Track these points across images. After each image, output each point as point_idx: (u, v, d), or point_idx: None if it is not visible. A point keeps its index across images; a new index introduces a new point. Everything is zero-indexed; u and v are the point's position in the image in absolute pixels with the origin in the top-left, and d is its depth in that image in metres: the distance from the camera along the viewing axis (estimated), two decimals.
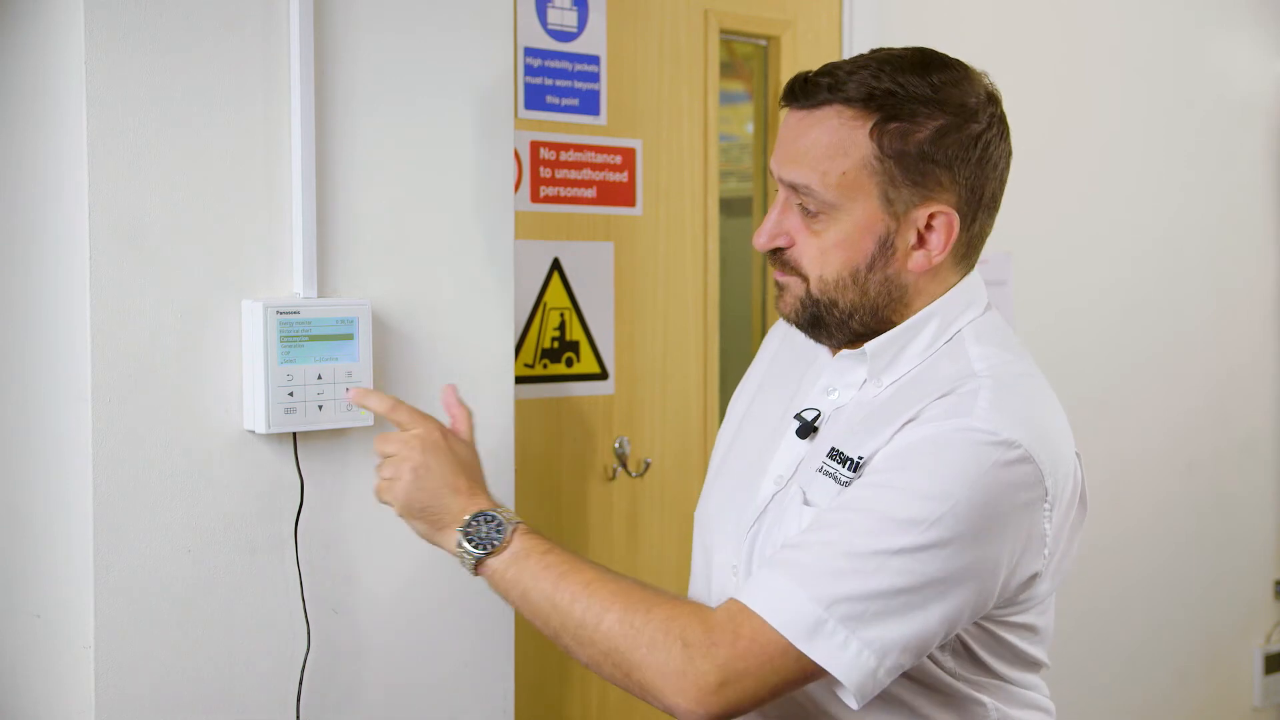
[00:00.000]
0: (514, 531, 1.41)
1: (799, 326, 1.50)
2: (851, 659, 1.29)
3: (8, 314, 1.76)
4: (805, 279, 1.46)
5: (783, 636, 1.29)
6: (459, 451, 1.50)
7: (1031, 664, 1.49)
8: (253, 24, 1.70)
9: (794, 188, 1.43)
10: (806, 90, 1.43)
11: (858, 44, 2.84)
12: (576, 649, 1.37)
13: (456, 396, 1.59)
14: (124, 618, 1.63)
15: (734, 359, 2.75)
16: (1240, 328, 3.89)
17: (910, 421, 1.39)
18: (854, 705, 1.32)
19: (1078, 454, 1.47)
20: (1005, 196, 1.51)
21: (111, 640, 1.62)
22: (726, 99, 2.76)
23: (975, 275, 1.51)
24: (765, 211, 2.81)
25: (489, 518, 1.42)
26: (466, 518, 1.43)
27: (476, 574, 1.42)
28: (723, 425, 1.71)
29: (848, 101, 1.40)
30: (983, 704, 1.45)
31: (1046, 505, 1.37)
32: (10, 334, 1.76)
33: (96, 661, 1.61)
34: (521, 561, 1.39)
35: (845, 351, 1.49)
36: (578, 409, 2.47)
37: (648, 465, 2.57)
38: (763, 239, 1.48)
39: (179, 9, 1.64)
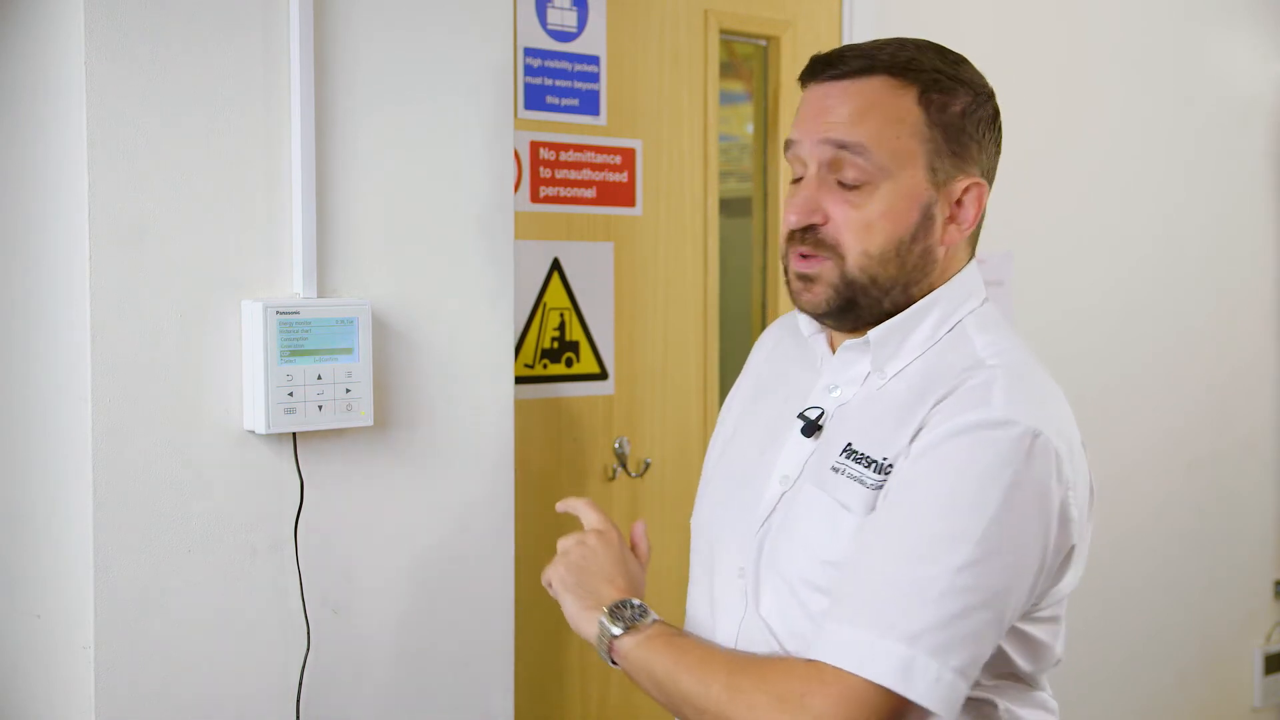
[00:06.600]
0: (654, 622, 1.45)
1: (827, 316, 1.47)
2: (946, 690, 1.30)
3: (8, 314, 1.76)
4: (842, 258, 1.43)
5: (873, 682, 1.29)
6: (630, 563, 1.55)
7: (1046, 661, 1.49)
8: (253, 24, 1.71)
9: (844, 148, 1.40)
10: (845, 60, 1.42)
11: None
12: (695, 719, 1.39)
13: (644, 532, 1.63)
14: (124, 618, 1.63)
15: (734, 359, 2.75)
16: (1240, 328, 3.89)
17: (927, 418, 1.38)
18: None
19: (1083, 443, 1.47)
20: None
21: (111, 640, 1.62)
22: (726, 99, 2.76)
23: (974, 266, 1.52)
24: (764, 209, 2.83)
25: (636, 606, 1.46)
26: (614, 602, 1.47)
27: (611, 659, 1.45)
28: (715, 432, 1.71)
29: (891, 71, 1.41)
30: (994, 704, 1.45)
31: (1071, 490, 1.39)
32: (10, 334, 1.76)
33: (96, 661, 1.61)
34: (651, 642, 1.42)
35: (847, 343, 1.48)
36: (577, 409, 2.47)
37: (648, 465, 2.57)
38: (795, 216, 1.42)
39: (179, 9, 1.64)
